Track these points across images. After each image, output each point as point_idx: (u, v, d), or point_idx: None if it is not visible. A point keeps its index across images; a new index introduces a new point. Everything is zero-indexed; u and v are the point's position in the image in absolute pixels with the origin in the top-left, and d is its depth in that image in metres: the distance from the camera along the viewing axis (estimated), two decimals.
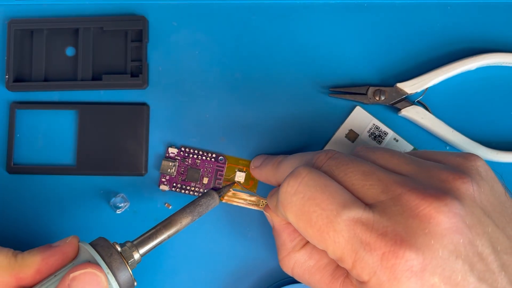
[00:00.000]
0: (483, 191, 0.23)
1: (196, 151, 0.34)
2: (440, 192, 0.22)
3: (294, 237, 0.28)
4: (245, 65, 0.35)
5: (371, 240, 0.22)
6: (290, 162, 0.29)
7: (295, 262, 0.28)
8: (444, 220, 0.21)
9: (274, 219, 0.29)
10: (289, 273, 0.29)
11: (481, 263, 0.21)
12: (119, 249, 0.26)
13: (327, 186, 0.24)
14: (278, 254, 0.29)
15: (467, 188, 0.23)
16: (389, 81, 0.34)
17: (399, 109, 0.33)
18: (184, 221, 0.29)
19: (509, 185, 0.26)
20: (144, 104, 0.35)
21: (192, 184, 0.34)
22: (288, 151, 0.34)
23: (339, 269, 0.27)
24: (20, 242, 0.34)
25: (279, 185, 0.27)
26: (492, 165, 0.27)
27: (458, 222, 0.21)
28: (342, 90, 0.34)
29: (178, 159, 0.34)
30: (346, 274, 0.27)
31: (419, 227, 0.21)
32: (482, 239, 0.22)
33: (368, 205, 0.23)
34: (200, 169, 0.34)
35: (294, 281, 0.33)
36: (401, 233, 0.21)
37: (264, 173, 0.32)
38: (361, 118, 0.34)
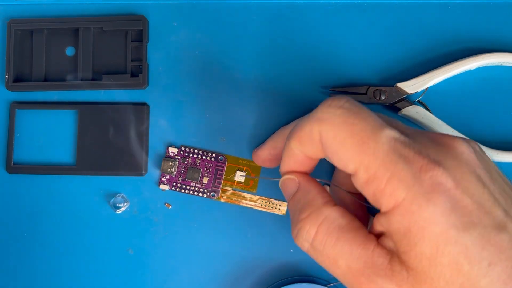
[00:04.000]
0: (479, 153, 0.25)
1: (196, 151, 0.34)
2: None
3: (325, 194, 0.27)
4: (245, 65, 0.35)
5: (409, 155, 0.22)
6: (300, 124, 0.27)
7: (325, 218, 0.25)
8: (466, 151, 0.23)
9: (300, 177, 0.28)
10: (312, 233, 0.25)
11: (504, 196, 0.23)
12: None
13: (368, 110, 0.25)
14: (299, 215, 0.26)
15: (466, 145, 0.24)
16: (389, 81, 0.34)
17: (399, 109, 0.33)
18: None
19: None
20: (144, 104, 0.35)
21: (192, 183, 0.34)
22: None
23: (371, 234, 0.25)
24: (20, 242, 0.34)
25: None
26: None
27: (477, 156, 0.23)
28: (342, 90, 0.34)
29: (178, 159, 0.34)
30: (377, 241, 0.25)
31: (448, 153, 0.23)
32: (497, 177, 0.24)
33: None
34: (200, 169, 0.34)
35: (294, 281, 0.33)
36: (433, 155, 0.22)
37: (267, 150, 0.32)
38: None
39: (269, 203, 0.34)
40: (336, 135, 0.24)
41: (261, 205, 0.34)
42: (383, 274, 0.23)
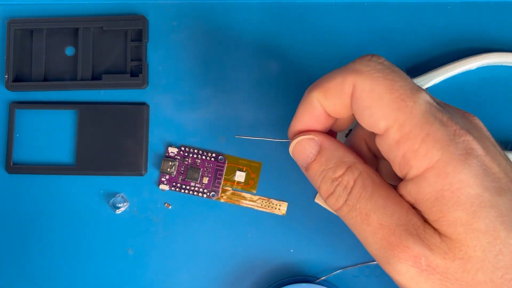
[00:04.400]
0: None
1: (196, 151, 0.34)
2: None
3: (352, 151, 0.26)
4: (245, 65, 0.35)
5: (443, 118, 0.22)
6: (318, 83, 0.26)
7: (360, 173, 0.24)
8: (484, 128, 0.24)
9: (319, 136, 0.26)
10: (349, 187, 0.24)
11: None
12: None
13: (404, 72, 0.24)
14: (334, 173, 0.25)
15: (483, 124, 0.25)
16: None
17: None
18: None
19: None
20: (144, 104, 0.35)
21: (192, 183, 0.34)
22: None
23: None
24: (20, 242, 0.34)
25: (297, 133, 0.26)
26: None
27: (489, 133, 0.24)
28: None
29: (178, 159, 0.34)
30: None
31: (471, 125, 0.23)
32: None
33: None
34: (200, 169, 0.34)
35: (293, 281, 0.33)
36: (461, 124, 0.23)
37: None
38: None
39: (269, 203, 0.34)
40: (373, 89, 0.23)
41: (261, 205, 0.34)
42: (415, 234, 0.22)
